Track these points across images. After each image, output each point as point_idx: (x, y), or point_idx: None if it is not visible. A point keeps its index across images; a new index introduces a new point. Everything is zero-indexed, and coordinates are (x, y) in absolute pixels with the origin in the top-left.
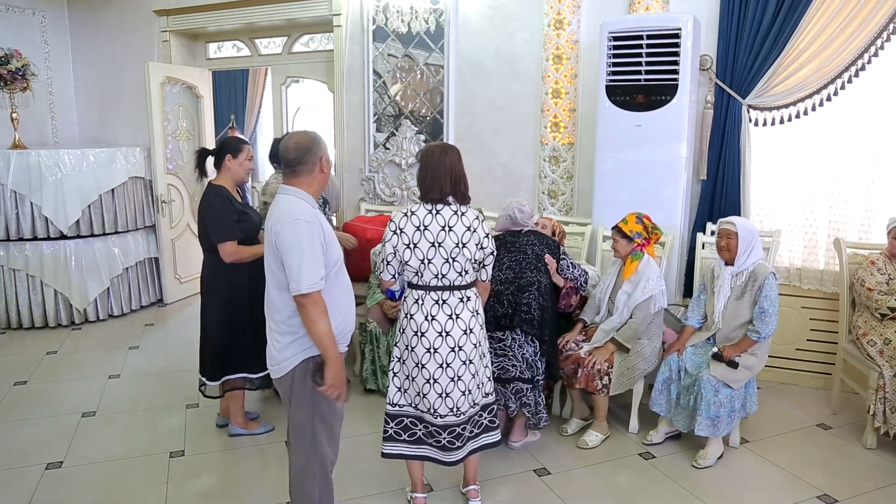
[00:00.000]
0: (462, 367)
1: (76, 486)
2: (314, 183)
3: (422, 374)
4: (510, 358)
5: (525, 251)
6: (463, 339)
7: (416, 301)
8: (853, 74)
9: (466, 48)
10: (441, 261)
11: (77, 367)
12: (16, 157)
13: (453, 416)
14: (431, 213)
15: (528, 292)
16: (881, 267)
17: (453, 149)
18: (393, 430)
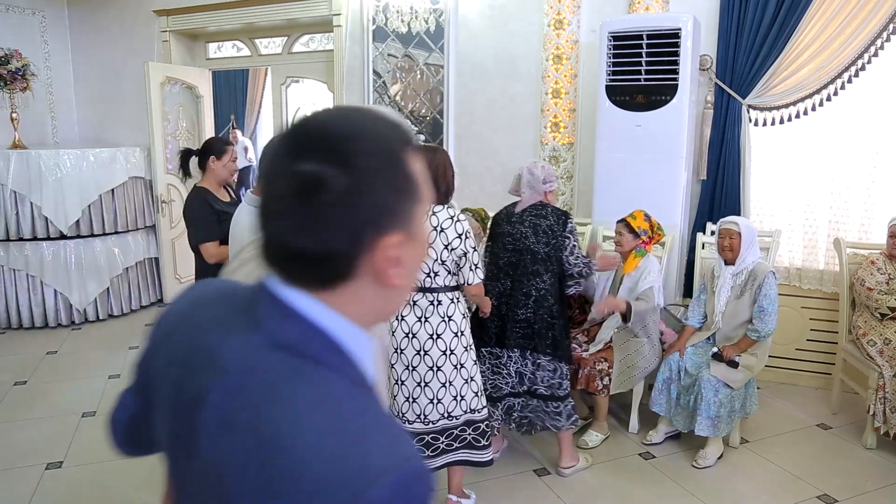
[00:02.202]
0: (429, 372)
1: (76, 486)
2: None
3: (391, 375)
4: (504, 376)
5: (524, 247)
6: (429, 344)
7: (409, 303)
8: (853, 74)
9: (466, 48)
10: (431, 261)
11: (77, 367)
12: (16, 157)
13: (421, 424)
14: (427, 213)
15: (526, 305)
16: (881, 267)
17: (435, 149)
18: None
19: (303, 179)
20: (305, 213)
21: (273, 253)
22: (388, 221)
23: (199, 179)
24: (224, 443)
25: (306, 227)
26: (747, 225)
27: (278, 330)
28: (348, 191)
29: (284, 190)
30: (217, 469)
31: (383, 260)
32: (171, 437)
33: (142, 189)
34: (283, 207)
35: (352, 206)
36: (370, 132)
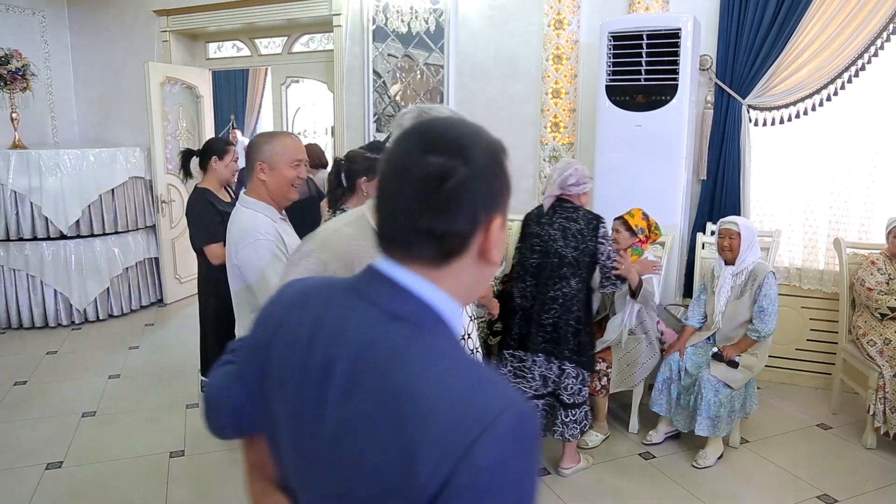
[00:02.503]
0: None
1: (76, 486)
2: (259, 191)
3: None
4: (528, 379)
5: (552, 250)
6: None
7: None
8: (853, 74)
9: (466, 48)
10: None
11: (77, 367)
12: (16, 157)
13: None
14: None
15: (552, 309)
16: (881, 267)
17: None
18: None
19: (434, 170)
20: (435, 198)
21: (398, 233)
22: (495, 206)
23: (201, 180)
24: (354, 403)
25: (435, 209)
26: (747, 225)
27: (392, 305)
28: (469, 179)
29: (417, 179)
30: (348, 428)
31: (489, 238)
32: (294, 413)
33: (142, 189)
34: (416, 193)
35: (472, 191)
36: (482, 137)
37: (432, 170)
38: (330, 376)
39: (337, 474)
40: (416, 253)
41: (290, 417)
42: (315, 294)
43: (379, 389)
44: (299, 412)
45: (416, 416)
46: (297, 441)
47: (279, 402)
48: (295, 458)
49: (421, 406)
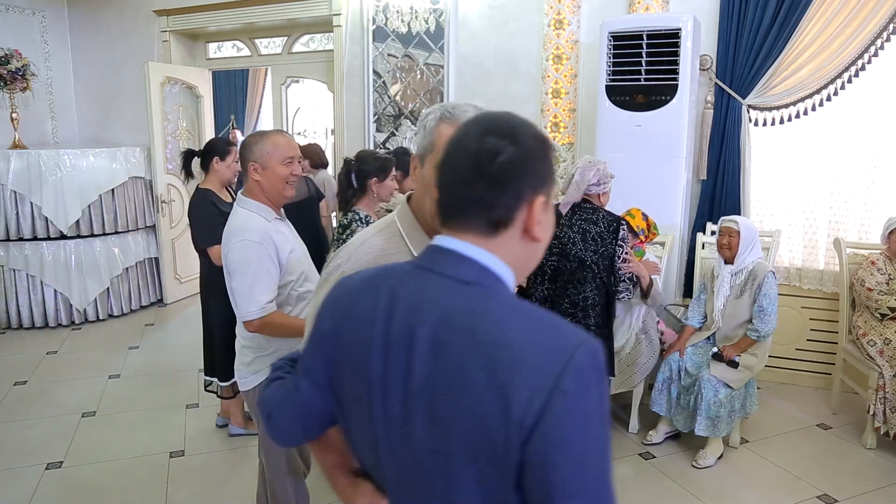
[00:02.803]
0: None
1: (76, 486)
2: (254, 191)
3: None
4: None
5: (571, 253)
6: None
7: None
8: (853, 74)
9: (466, 48)
10: None
11: (77, 367)
12: (16, 157)
13: None
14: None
15: (570, 313)
16: (881, 267)
17: (407, 151)
18: None
19: (488, 146)
20: (487, 171)
21: (455, 202)
22: (539, 186)
23: (202, 180)
24: (444, 361)
25: (486, 181)
26: (747, 225)
27: (460, 272)
28: (516, 158)
29: (473, 154)
30: (439, 385)
31: (532, 215)
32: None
33: (142, 189)
34: (471, 166)
35: (518, 169)
36: (530, 127)
37: (486, 146)
38: (414, 342)
39: (432, 429)
40: (469, 223)
41: (374, 388)
42: (382, 277)
43: (466, 345)
44: (383, 380)
45: (506, 361)
46: (384, 410)
47: (355, 380)
48: (381, 427)
49: (508, 352)
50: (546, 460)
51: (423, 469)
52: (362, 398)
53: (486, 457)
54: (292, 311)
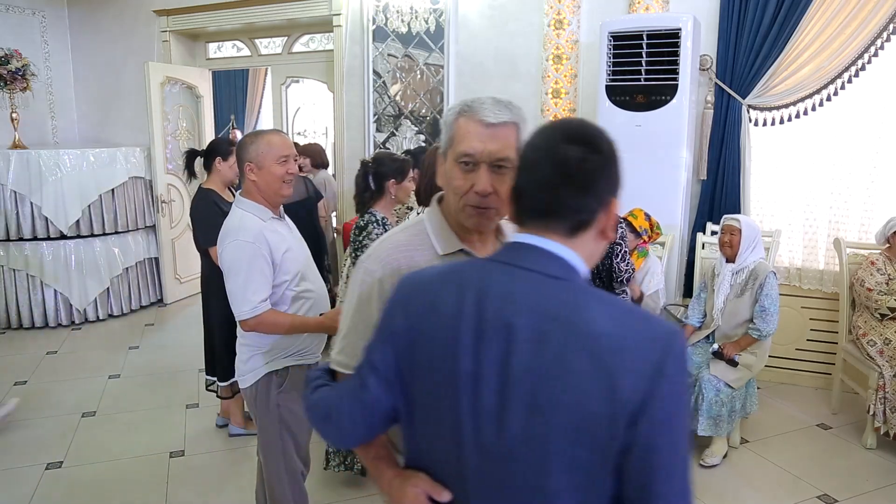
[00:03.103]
0: None
1: (76, 486)
2: (251, 191)
3: None
4: None
5: None
6: None
7: None
8: (853, 74)
9: (466, 48)
10: None
11: (77, 367)
12: (16, 157)
13: None
14: (416, 213)
15: None
16: (881, 267)
17: (435, 148)
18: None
19: (575, 154)
20: (575, 177)
21: (542, 206)
22: (615, 190)
23: (204, 180)
24: (546, 352)
25: (574, 186)
26: (749, 224)
27: (548, 268)
28: (599, 165)
29: (560, 162)
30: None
31: (610, 217)
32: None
33: (142, 189)
34: (559, 173)
35: (601, 175)
36: (606, 134)
37: (572, 154)
38: (512, 334)
39: (531, 418)
40: (555, 224)
41: (463, 382)
42: (458, 273)
43: (567, 335)
44: (474, 373)
45: (610, 350)
46: (474, 402)
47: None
48: (469, 420)
49: (611, 341)
50: (651, 443)
51: (516, 458)
52: (444, 392)
53: (587, 442)
54: (288, 311)
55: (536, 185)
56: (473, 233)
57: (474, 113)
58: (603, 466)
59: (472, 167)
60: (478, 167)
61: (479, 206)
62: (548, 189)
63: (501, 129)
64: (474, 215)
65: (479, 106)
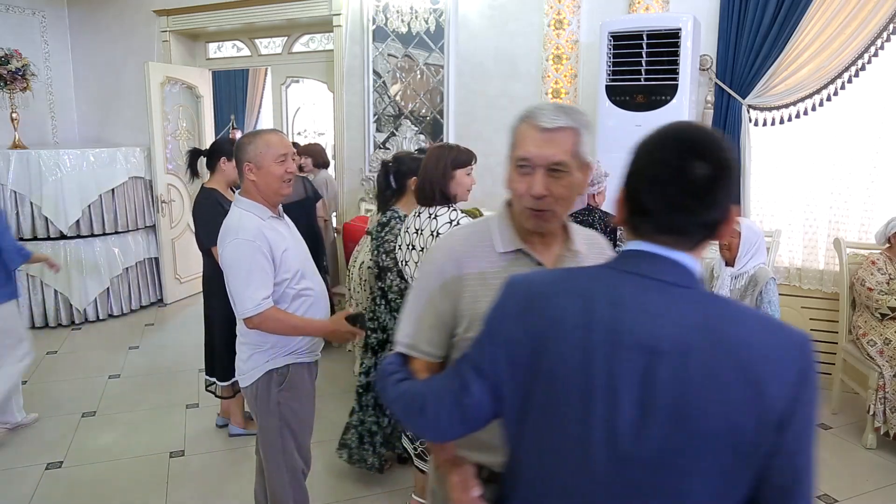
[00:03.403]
0: None
1: (76, 486)
2: (250, 191)
3: None
4: None
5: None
6: None
7: None
8: (853, 74)
9: (466, 48)
10: (413, 265)
11: (77, 367)
12: (16, 157)
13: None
14: (415, 215)
15: None
16: (881, 267)
17: (438, 147)
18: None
19: (705, 173)
20: (708, 197)
21: (678, 225)
22: (734, 199)
23: (207, 180)
24: (692, 361)
25: (708, 205)
26: (751, 228)
27: (680, 279)
28: (728, 180)
29: (691, 181)
30: (688, 384)
31: (729, 224)
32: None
33: (142, 189)
34: (692, 194)
35: (728, 189)
36: (727, 143)
37: (702, 174)
38: (655, 345)
39: (675, 426)
40: (687, 239)
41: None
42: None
43: (713, 346)
44: (609, 383)
45: (756, 359)
46: (609, 412)
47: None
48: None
49: (754, 350)
50: (796, 447)
51: (658, 465)
52: (571, 401)
53: (731, 449)
54: (287, 309)
55: (667, 206)
56: (535, 235)
57: (533, 118)
58: (743, 472)
59: (529, 171)
60: (534, 171)
61: (535, 208)
62: (679, 211)
63: (557, 134)
64: (531, 217)
65: (538, 111)
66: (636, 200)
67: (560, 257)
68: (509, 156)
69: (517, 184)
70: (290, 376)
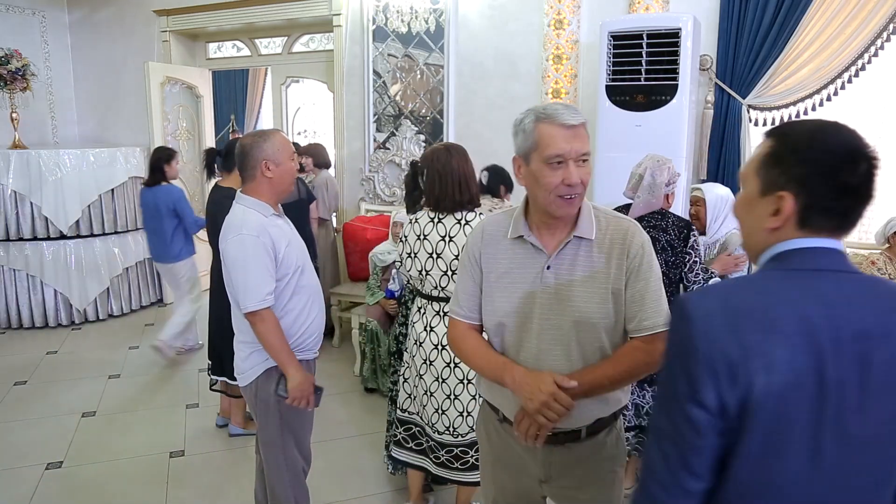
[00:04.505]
0: (459, 385)
1: (76, 486)
2: (260, 189)
3: (421, 385)
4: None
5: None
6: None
7: (419, 309)
8: (853, 75)
9: (466, 48)
10: (439, 273)
11: (77, 367)
12: (16, 157)
13: (450, 436)
14: (433, 221)
15: None
16: (881, 267)
17: (458, 148)
18: (402, 437)
19: (866, 173)
20: (868, 199)
21: (851, 222)
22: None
23: (222, 179)
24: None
25: (866, 205)
26: (714, 192)
27: (850, 265)
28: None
29: (860, 187)
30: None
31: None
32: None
33: None
34: (860, 199)
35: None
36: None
37: (863, 171)
38: (866, 330)
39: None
40: (845, 233)
41: (831, 388)
42: (774, 282)
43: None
44: (838, 378)
45: None
46: (839, 403)
47: (791, 394)
48: (834, 421)
49: None
50: None
51: (876, 444)
52: (801, 405)
53: None
54: (286, 306)
55: (855, 202)
56: (543, 224)
57: (554, 118)
58: None
59: (560, 165)
60: (566, 164)
61: (569, 195)
62: (853, 211)
63: (580, 129)
64: (563, 205)
65: (555, 111)
66: (808, 196)
67: (562, 242)
68: (527, 155)
69: (549, 178)
70: None
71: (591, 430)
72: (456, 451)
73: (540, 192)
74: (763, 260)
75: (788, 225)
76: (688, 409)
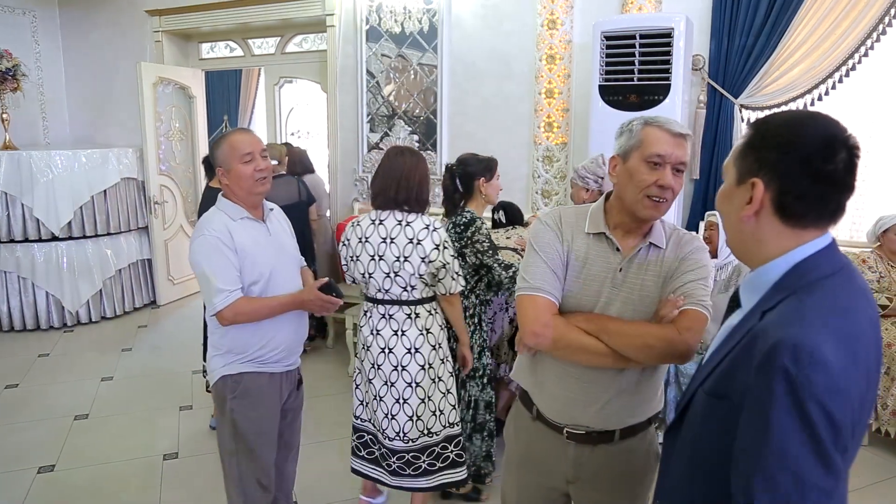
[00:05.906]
0: (408, 389)
1: (69, 489)
2: (228, 192)
3: (370, 390)
4: None
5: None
6: (407, 359)
7: (365, 313)
8: (844, 74)
9: (460, 48)
10: (382, 275)
11: (69, 369)
12: (6, 158)
13: (401, 442)
14: (374, 223)
15: None
16: (872, 265)
17: (413, 152)
18: (355, 444)
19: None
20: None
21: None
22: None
23: (213, 181)
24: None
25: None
26: None
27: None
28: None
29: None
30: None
31: None
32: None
33: (134, 190)
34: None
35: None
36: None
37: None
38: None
39: None
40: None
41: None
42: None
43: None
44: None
45: None
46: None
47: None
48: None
49: None
50: None
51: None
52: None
53: None
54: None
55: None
56: (619, 229)
57: (661, 124)
58: None
59: (658, 166)
60: (663, 167)
61: (657, 197)
62: (830, 198)
63: (683, 140)
64: (651, 207)
65: (664, 119)
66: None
67: (635, 247)
68: (627, 153)
69: (644, 175)
70: (245, 385)
71: (625, 433)
72: (407, 456)
73: (630, 189)
74: (774, 276)
75: (766, 213)
76: (833, 457)
